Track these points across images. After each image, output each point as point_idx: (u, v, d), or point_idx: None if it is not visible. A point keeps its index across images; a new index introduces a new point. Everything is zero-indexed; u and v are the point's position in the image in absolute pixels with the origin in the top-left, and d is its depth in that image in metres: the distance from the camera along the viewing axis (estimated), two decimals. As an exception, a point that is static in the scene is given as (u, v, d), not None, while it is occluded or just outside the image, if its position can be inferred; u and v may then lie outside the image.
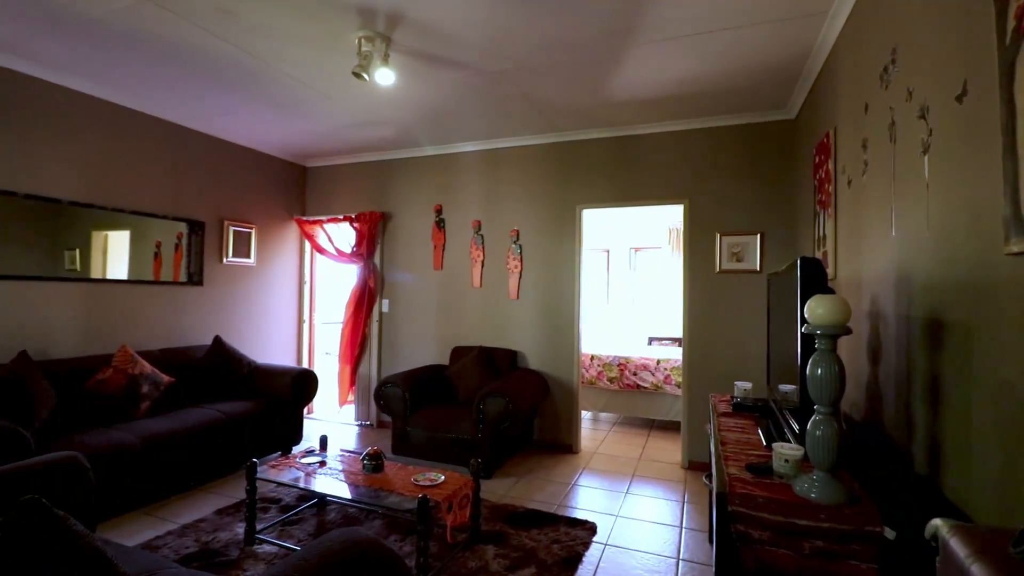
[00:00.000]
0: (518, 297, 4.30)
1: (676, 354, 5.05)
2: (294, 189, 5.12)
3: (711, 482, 1.73)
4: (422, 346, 4.68)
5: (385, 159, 4.85)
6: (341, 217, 4.85)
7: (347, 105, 3.63)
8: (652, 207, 4.94)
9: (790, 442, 1.59)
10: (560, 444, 4.14)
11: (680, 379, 4.60)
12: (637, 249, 7.29)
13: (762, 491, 1.31)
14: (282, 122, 4.01)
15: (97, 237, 3.57)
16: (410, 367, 4.61)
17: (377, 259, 4.84)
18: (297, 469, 2.57)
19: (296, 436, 4.02)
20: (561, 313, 4.16)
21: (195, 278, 4.13)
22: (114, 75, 3.21)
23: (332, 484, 2.41)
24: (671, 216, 6.74)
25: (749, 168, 3.70)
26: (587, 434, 4.64)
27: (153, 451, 2.97)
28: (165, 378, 3.50)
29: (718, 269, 3.76)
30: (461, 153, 4.54)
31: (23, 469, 1.75)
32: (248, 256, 4.59)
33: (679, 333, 6.48)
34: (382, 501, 2.24)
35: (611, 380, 4.94)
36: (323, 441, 2.96)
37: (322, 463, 2.65)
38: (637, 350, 5.48)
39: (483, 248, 4.44)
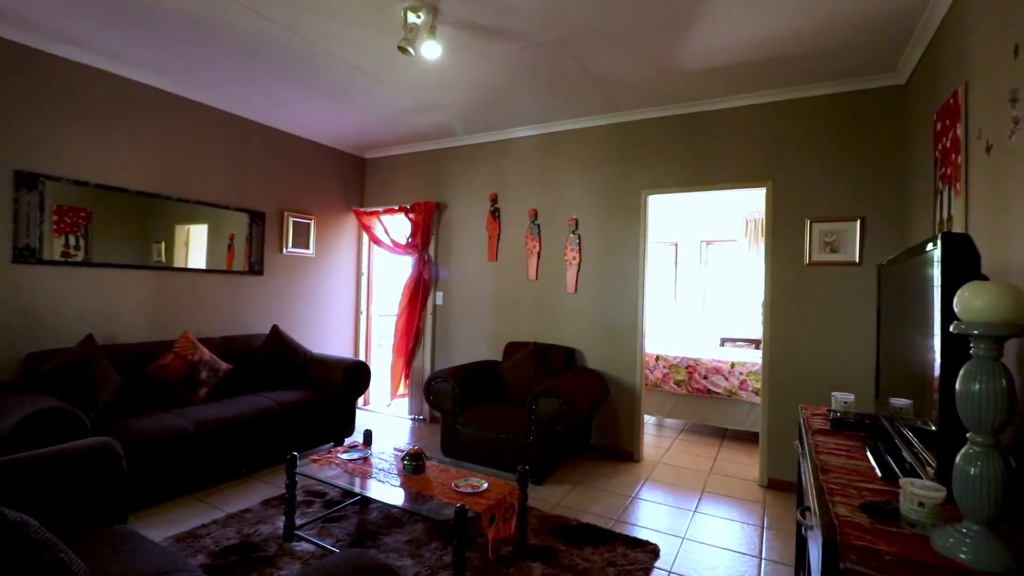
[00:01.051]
0: (576, 291, 4.02)
1: (753, 357, 4.56)
2: (353, 180, 5.12)
3: (809, 518, 1.38)
4: (475, 341, 4.51)
5: (440, 148, 4.71)
6: (397, 208, 4.77)
7: (398, 89, 3.50)
8: (727, 193, 4.48)
9: (920, 476, 1.22)
10: (620, 451, 3.82)
11: (758, 385, 4.12)
12: (708, 242, 6.74)
13: (888, 544, 0.97)
14: (338, 111, 3.97)
15: (180, 231, 3.76)
16: (463, 362, 4.45)
17: (432, 250, 4.73)
18: (337, 465, 2.45)
19: (348, 428, 3.98)
20: (623, 309, 3.83)
21: (256, 268, 4.20)
22: (172, 66, 3.26)
23: (369, 483, 2.27)
24: (748, 204, 6.16)
25: (846, 143, 3.19)
26: (650, 441, 4.28)
27: (206, 437, 2.99)
28: (223, 365, 3.55)
29: (807, 261, 3.28)
30: (517, 139, 4.31)
31: (58, 454, 1.71)
32: (307, 247, 4.62)
33: (756, 334, 5.92)
34: (419, 506, 2.06)
35: (678, 383, 4.53)
36: (367, 436, 2.85)
37: (364, 460, 2.52)
38: (708, 351, 5.01)
39: (539, 239, 4.19)
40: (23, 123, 2.90)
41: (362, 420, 4.70)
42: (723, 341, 6.09)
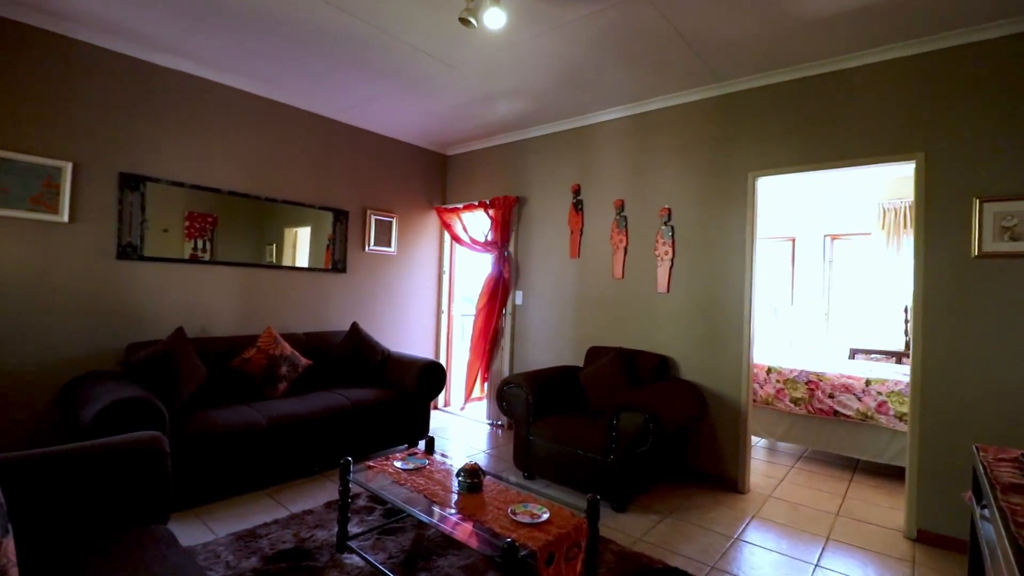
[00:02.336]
0: (669, 290, 3.53)
1: (894, 373, 3.73)
2: (435, 178, 5.05)
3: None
4: (555, 344, 4.18)
5: (520, 139, 4.46)
6: (476, 203, 4.60)
7: (468, 74, 3.30)
8: (857, 179, 3.73)
9: None
10: (721, 478, 3.27)
11: (903, 409, 3.34)
12: (834, 237, 5.78)
13: None
14: (412, 104, 3.87)
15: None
16: (541, 366, 4.15)
17: (512, 248, 4.49)
18: (390, 475, 2.26)
19: (422, 430, 3.86)
20: (726, 312, 3.28)
21: (339, 265, 4.25)
22: (258, 68, 3.34)
23: (415, 499, 2.05)
24: (885, 189, 5.16)
25: (1039, 97, 2.41)
26: (759, 468, 3.65)
27: (278, 432, 2.98)
28: (303, 361, 3.59)
29: (976, 252, 2.53)
30: (601, 123, 3.92)
31: (98, 448, 1.68)
32: (389, 245, 4.61)
33: (897, 345, 4.93)
34: (466, 535, 1.78)
35: (796, 402, 3.84)
36: (430, 443, 2.65)
37: (419, 470, 2.31)
38: (834, 365, 4.22)
39: (626, 232, 3.76)
40: (126, 128, 3.11)
41: (439, 422, 4.58)
42: (853, 353, 5.15)
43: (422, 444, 3.92)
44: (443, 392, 5.11)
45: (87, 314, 2.98)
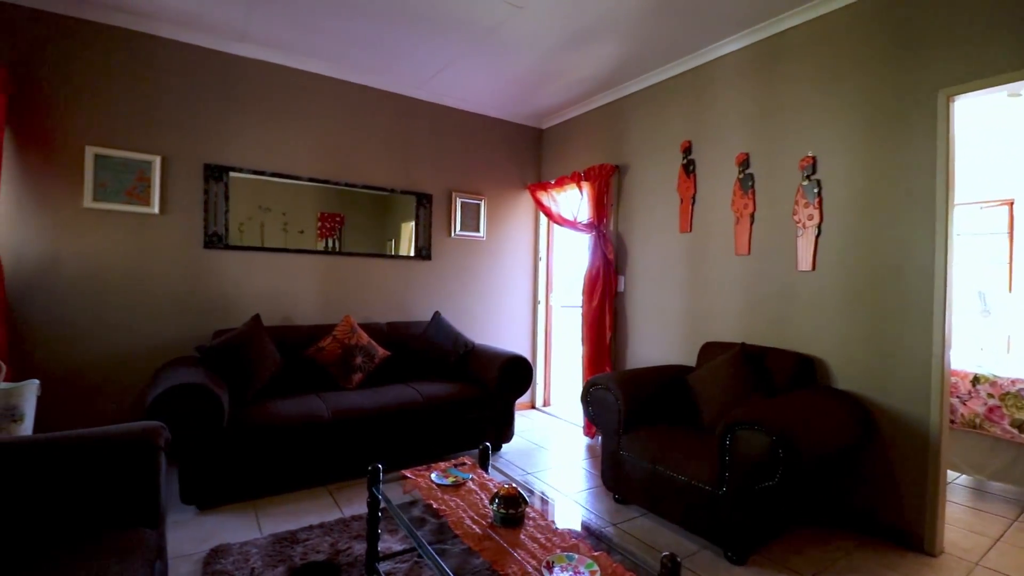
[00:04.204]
0: (814, 268, 2.63)
1: None
2: (529, 154, 4.60)
3: None
4: (661, 338, 3.46)
5: (617, 97, 3.80)
6: (569, 175, 4.04)
7: (542, 13, 2.77)
8: None
9: None
10: (895, 529, 2.32)
11: None
12: (1088, 194, 4.08)
13: None
14: (489, 67, 3.46)
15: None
16: (647, 365, 3.47)
17: (612, 225, 3.85)
18: (420, 490, 1.87)
19: (505, 432, 3.44)
20: (905, 298, 2.32)
21: (423, 252, 4.02)
22: (323, 45, 3.20)
23: (434, 526, 1.61)
24: None
25: None
26: (959, 518, 2.57)
27: (342, 427, 2.79)
28: (380, 351, 3.40)
29: None
30: (717, 59, 3.11)
31: (104, 437, 1.53)
32: (477, 229, 4.28)
33: None
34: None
35: (1019, 426, 2.65)
36: (484, 453, 2.20)
37: (458, 486, 1.88)
38: (1093, 375, 2.86)
39: (753, 194, 2.91)
40: (208, 120, 3.17)
41: (533, 424, 4.13)
42: (1124, 359, 3.54)
43: (505, 446, 3.52)
44: (543, 391, 4.66)
45: (178, 301, 3.10)
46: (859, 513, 2.43)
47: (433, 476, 1.95)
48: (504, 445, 3.54)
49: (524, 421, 4.18)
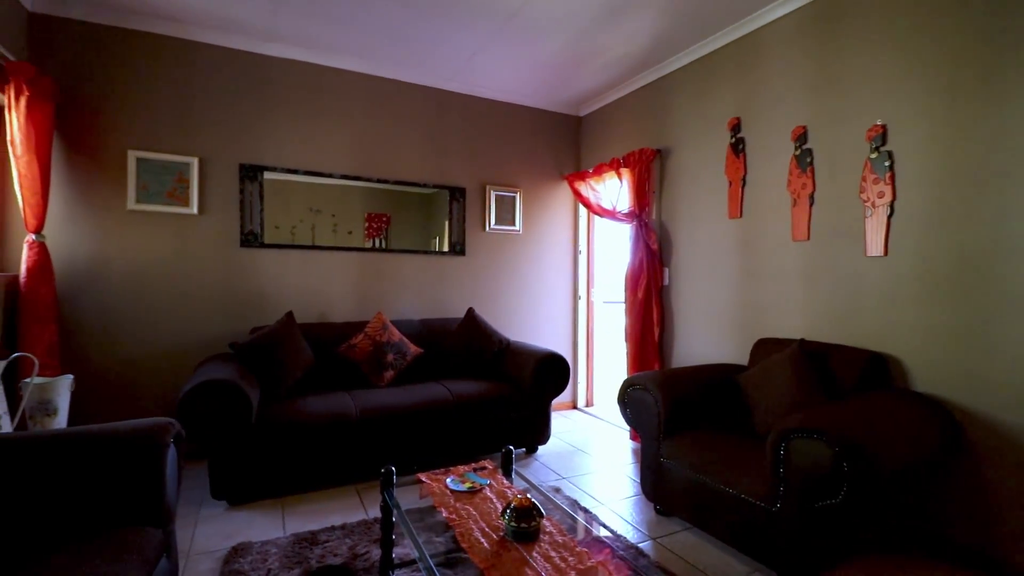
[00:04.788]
0: (886, 252, 2.29)
1: None
2: (566, 143, 4.41)
3: None
4: (710, 334, 3.18)
5: (659, 76, 3.53)
6: (608, 162, 3.81)
7: (571, -13, 2.59)
8: None
9: None
10: (993, 561, 1.96)
11: None
12: None
13: None
14: (519, 51, 3.30)
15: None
16: (694, 363, 3.20)
17: (654, 213, 3.59)
18: (434, 495, 1.75)
19: (541, 433, 3.28)
20: (1000, 285, 1.95)
21: (457, 248, 3.93)
22: (353, 39, 3.16)
23: (444, 536, 1.48)
24: None
25: None
26: (1079, 548, 2.14)
27: (369, 425, 2.74)
28: (412, 349, 3.34)
29: None
30: (767, 25, 2.79)
31: (113, 433, 1.52)
32: (512, 223, 4.14)
33: None
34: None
35: None
36: (507, 457, 2.06)
37: (473, 492, 1.75)
38: None
39: (812, 172, 2.59)
40: (243, 120, 3.21)
41: (574, 426, 3.94)
42: None
43: (540, 448, 3.35)
44: (585, 391, 4.46)
45: (216, 299, 3.16)
46: (942, 538, 2.08)
47: (448, 481, 1.82)
48: (540, 447, 3.38)
49: (564, 422, 4.00)
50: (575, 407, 4.42)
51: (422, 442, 2.90)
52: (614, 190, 3.80)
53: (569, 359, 4.38)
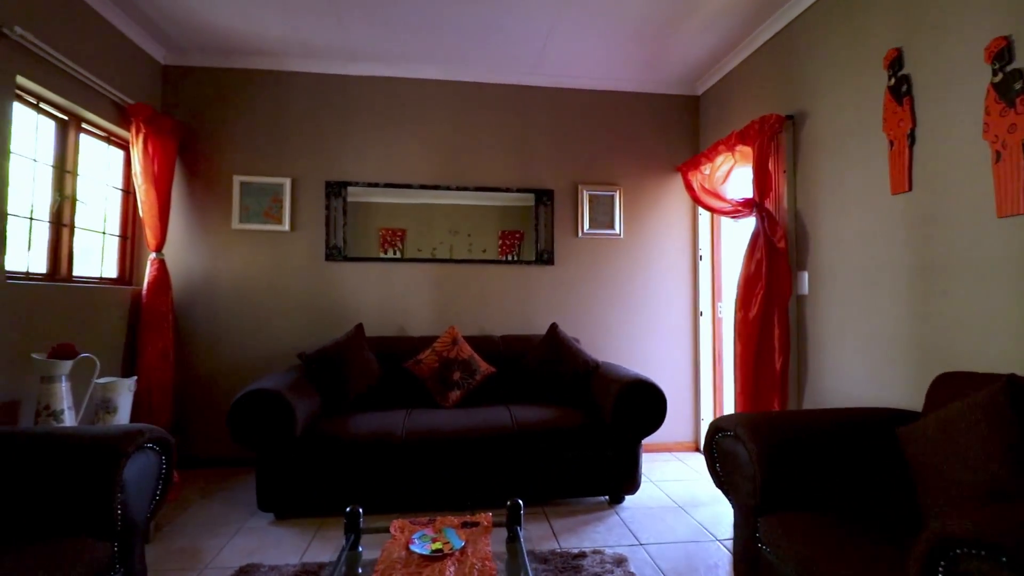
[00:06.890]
0: None
1: None
2: (679, 129, 3.71)
3: None
4: (862, 364, 2.21)
5: (786, 22, 2.70)
6: (725, 139, 3.04)
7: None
8: None
9: None
10: None
11: None
12: None
13: None
14: (599, 21, 2.83)
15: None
16: (839, 404, 2.28)
17: (785, 200, 2.72)
18: (391, 552, 1.38)
19: (628, 479, 2.66)
20: None
21: (545, 256, 3.53)
22: (427, 45, 3.06)
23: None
24: None
25: None
26: None
27: (414, 449, 2.49)
28: (483, 367, 3.04)
29: None
30: (946, -101, 1.87)
31: (73, 437, 1.51)
32: (611, 226, 3.59)
33: None
34: None
35: None
36: (514, 511, 1.59)
37: (439, 558, 1.33)
38: None
39: (1020, 112, 1.60)
40: (328, 140, 3.34)
41: (687, 472, 3.17)
42: None
43: (628, 498, 2.68)
44: (692, 429, 3.62)
45: (305, 310, 3.29)
46: None
47: (416, 537, 1.44)
48: (628, 496, 2.74)
49: (676, 467, 3.25)
50: (698, 449, 3.59)
51: (476, 476, 2.54)
52: (730, 174, 3.01)
53: (688, 388, 3.60)
